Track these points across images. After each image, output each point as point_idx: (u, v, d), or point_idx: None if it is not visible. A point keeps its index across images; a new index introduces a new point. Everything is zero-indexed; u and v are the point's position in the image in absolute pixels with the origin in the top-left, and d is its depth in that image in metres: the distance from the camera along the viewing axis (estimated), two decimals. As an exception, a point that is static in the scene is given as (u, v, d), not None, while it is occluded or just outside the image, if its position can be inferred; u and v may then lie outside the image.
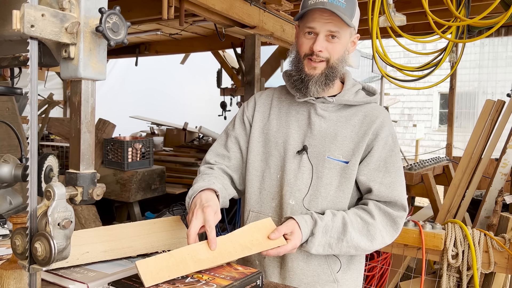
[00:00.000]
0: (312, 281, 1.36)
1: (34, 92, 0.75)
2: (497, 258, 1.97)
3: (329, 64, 1.30)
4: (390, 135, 1.34)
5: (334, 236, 1.26)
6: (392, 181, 1.31)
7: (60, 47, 0.78)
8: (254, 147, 1.43)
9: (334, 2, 1.24)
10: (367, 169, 1.32)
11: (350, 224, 1.26)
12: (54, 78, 6.90)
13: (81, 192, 0.81)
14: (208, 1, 2.92)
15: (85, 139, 0.82)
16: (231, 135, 1.47)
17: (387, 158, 1.32)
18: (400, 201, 1.31)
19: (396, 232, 1.32)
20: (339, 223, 1.26)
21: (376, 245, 1.29)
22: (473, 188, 2.64)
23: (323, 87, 1.32)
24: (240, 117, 1.49)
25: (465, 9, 2.41)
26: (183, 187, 4.69)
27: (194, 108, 9.27)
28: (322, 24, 1.26)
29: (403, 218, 1.32)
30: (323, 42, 1.28)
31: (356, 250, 1.29)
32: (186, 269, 1.04)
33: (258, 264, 1.44)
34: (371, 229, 1.28)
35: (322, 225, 1.25)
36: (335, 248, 1.27)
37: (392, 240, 1.32)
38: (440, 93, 12.50)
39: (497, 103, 2.71)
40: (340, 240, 1.26)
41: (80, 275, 1.06)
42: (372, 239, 1.28)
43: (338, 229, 1.26)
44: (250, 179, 1.43)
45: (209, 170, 1.42)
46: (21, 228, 0.79)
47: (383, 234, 1.29)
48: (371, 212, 1.29)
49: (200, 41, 5.43)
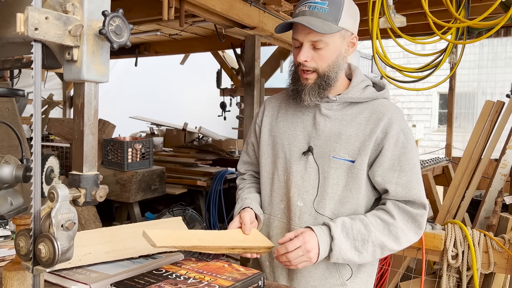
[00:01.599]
0: (319, 284, 1.36)
1: (38, 94, 0.75)
2: (496, 258, 1.97)
3: (320, 73, 1.30)
4: (401, 132, 1.29)
5: (358, 238, 1.24)
6: (409, 180, 1.28)
7: (63, 49, 0.78)
8: (264, 150, 1.46)
9: (315, 10, 1.24)
10: (381, 169, 1.29)
11: (371, 225, 1.25)
12: (54, 79, 6.91)
13: (84, 194, 0.81)
14: (208, 2, 2.93)
15: (88, 141, 0.82)
16: (249, 142, 1.57)
17: (401, 156, 1.28)
18: (418, 199, 1.28)
19: (420, 229, 1.29)
20: (359, 224, 1.25)
21: (403, 244, 1.27)
22: (473, 188, 2.64)
23: (317, 96, 1.32)
24: (253, 124, 1.55)
25: (465, 10, 2.41)
26: (183, 188, 4.69)
27: (193, 108, 9.27)
28: (304, 35, 1.27)
29: (424, 216, 1.29)
30: (307, 52, 1.28)
31: (382, 251, 1.26)
32: (189, 242, 1.13)
33: (268, 265, 1.45)
34: (392, 229, 1.26)
35: (338, 226, 1.24)
36: (363, 250, 1.24)
37: (418, 237, 1.30)
38: (440, 93, 12.51)
39: (497, 103, 2.72)
40: (365, 242, 1.24)
41: (82, 276, 1.06)
42: (396, 239, 1.26)
43: (360, 230, 1.24)
44: (262, 182, 1.47)
45: (242, 183, 1.57)
46: (24, 230, 0.79)
47: (406, 232, 1.27)
48: (390, 211, 1.27)
49: (200, 41, 5.44)
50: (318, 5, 1.24)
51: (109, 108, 6.26)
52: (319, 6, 1.24)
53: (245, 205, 1.42)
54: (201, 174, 4.81)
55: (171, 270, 1.11)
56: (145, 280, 1.04)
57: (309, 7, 1.25)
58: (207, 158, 5.24)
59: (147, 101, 8.37)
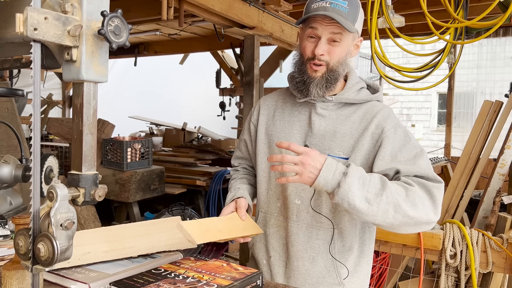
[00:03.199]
0: (316, 282, 1.36)
1: (37, 94, 0.76)
2: (495, 258, 1.98)
3: (329, 67, 1.31)
4: (397, 126, 1.29)
5: (371, 191, 1.15)
6: (415, 156, 1.23)
7: (62, 49, 0.79)
8: (260, 149, 1.47)
9: (336, 7, 1.25)
10: (383, 162, 1.25)
11: (389, 183, 1.17)
12: (53, 78, 6.91)
13: (83, 193, 0.82)
14: (207, 1, 2.93)
15: (87, 140, 0.82)
16: (242, 139, 1.61)
17: (402, 147, 1.26)
18: (432, 174, 1.22)
19: (435, 207, 1.19)
20: (377, 179, 1.17)
21: (419, 211, 1.16)
22: (471, 188, 2.65)
23: (324, 89, 1.33)
24: (247, 122, 1.57)
25: (463, 10, 2.42)
26: (182, 187, 4.70)
27: (193, 108, 9.28)
28: (324, 28, 1.27)
29: (440, 189, 1.20)
30: (325, 46, 1.29)
31: (395, 213, 1.14)
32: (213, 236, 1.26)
33: (265, 263, 1.46)
34: (410, 194, 1.16)
35: (358, 171, 1.16)
36: (373, 202, 1.13)
37: (434, 212, 1.19)
38: (439, 93, 12.52)
39: (495, 103, 2.73)
40: (378, 195, 1.14)
41: (81, 275, 1.07)
42: (412, 205, 1.16)
43: (376, 184, 1.16)
44: (259, 180, 1.48)
45: (235, 174, 1.62)
46: (24, 229, 0.80)
47: (423, 201, 1.17)
48: (407, 182, 1.20)
49: (199, 41, 5.44)
50: (340, 3, 1.26)
51: (109, 108, 6.26)
52: (340, 5, 1.26)
53: (238, 195, 1.46)
54: (201, 174, 4.81)
55: (170, 269, 1.12)
56: (144, 279, 1.04)
57: (331, 4, 1.26)
58: (206, 158, 5.24)
59: (146, 101, 8.38)
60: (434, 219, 1.20)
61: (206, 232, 1.26)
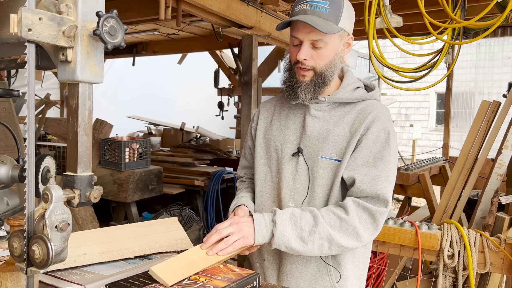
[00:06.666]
0: (309, 285, 1.36)
1: (31, 95, 0.75)
2: (492, 258, 1.98)
3: (317, 72, 1.30)
4: (382, 130, 1.29)
5: (305, 228, 1.21)
6: (377, 175, 1.25)
7: (57, 50, 0.78)
8: (258, 152, 1.47)
9: (316, 9, 1.24)
10: (354, 164, 1.28)
11: (321, 217, 1.22)
12: (51, 78, 6.89)
13: (78, 195, 0.81)
14: (205, 1, 2.92)
15: (82, 141, 0.82)
16: (246, 146, 1.59)
17: (377, 154, 1.27)
18: (382, 195, 1.25)
19: (375, 229, 1.26)
20: (309, 215, 1.23)
21: (353, 242, 1.23)
22: (469, 188, 2.65)
23: (312, 93, 1.32)
24: (249, 128, 1.57)
25: (461, 10, 2.42)
26: (180, 187, 4.69)
27: (191, 108, 9.28)
28: (305, 34, 1.26)
29: (384, 214, 1.25)
30: (307, 51, 1.28)
31: (330, 246, 1.22)
32: (197, 266, 1.10)
33: (258, 266, 1.45)
34: (343, 225, 1.22)
35: (286, 214, 1.22)
36: (308, 241, 1.21)
37: (372, 237, 1.26)
38: (437, 93, 12.53)
39: (493, 104, 2.73)
40: (312, 232, 1.20)
41: (77, 276, 1.06)
42: (346, 235, 1.22)
43: (309, 220, 1.22)
44: (256, 184, 1.47)
45: (240, 186, 1.60)
46: (18, 231, 0.79)
47: (358, 230, 1.22)
48: (346, 207, 1.24)
49: (197, 41, 5.43)
50: (320, 4, 1.25)
51: (107, 108, 6.26)
52: (321, 6, 1.24)
53: (239, 203, 1.44)
54: (199, 174, 4.81)
55: (167, 271, 1.11)
56: (140, 281, 1.04)
57: (311, 6, 1.25)
58: (204, 158, 5.24)
59: (144, 101, 8.37)
60: (370, 239, 1.28)
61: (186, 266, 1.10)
